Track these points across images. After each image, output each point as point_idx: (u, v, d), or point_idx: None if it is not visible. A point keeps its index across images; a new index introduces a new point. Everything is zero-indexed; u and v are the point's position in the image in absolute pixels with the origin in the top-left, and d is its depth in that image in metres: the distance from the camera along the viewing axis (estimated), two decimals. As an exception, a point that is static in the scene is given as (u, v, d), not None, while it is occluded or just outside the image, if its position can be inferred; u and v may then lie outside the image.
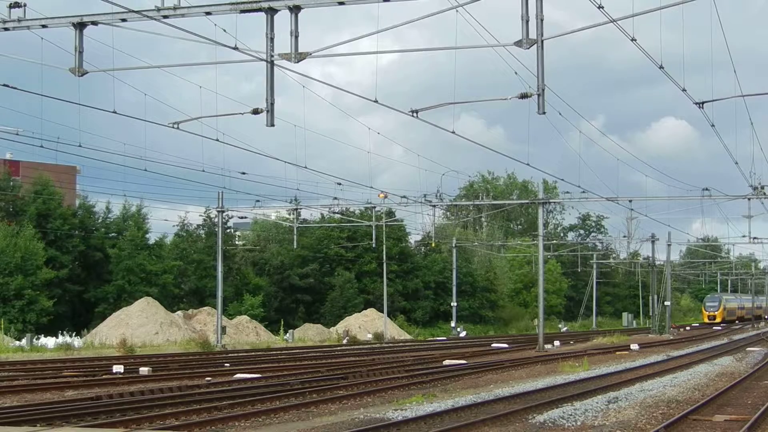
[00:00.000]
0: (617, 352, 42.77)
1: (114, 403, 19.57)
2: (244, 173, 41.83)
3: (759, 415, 17.59)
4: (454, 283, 68.88)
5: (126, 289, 56.33)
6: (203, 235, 67.81)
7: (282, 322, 60.53)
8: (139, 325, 49.76)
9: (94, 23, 18.09)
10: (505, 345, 48.64)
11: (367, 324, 62.90)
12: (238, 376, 27.45)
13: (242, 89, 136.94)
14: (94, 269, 58.41)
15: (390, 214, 66.76)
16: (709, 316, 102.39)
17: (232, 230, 72.65)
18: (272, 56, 17.05)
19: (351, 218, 65.82)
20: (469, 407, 19.08)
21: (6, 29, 18.39)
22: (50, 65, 19.55)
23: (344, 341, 54.38)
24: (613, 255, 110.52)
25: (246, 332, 55.59)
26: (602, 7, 17.18)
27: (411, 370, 29.81)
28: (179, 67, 64.56)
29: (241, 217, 64.83)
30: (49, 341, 44.32)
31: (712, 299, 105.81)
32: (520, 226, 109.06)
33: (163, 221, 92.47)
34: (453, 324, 68.78)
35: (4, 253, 50.00)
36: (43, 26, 18.46)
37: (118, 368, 28.55)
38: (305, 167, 32.85)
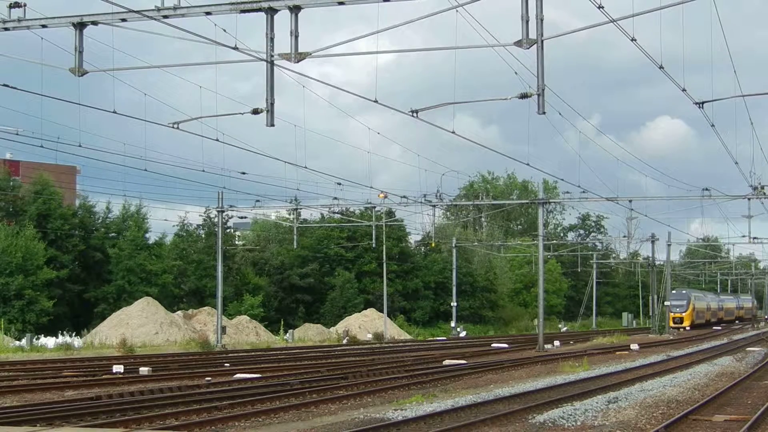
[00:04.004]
0: (617, 352, 42.77)
1: (114, 403, 19.57)
2: (244, 173, 41.87)
3: (759, 415, 17.59)
4: (454, 283, 68.86)
5: (126, 289, 56.33)
6: (203, 235, 67.81)
7: (282, 322, 60.53)
8: (139, 325, 49.76)
9: (94, 23, 18.09)
10: (505, 345, 48.62)
11: (367, 324, 62.88)
12: (238, 376, 27.45)
13: (239, 89, 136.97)
14: (94, 269, 58.40)
15: (390, 214, 66.75)
16: (674, 319, 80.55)
17: (232, 230, 72.67)
18: (272, 56, 17.05)
19: (351, 218, 65.81)
20: (469, 407, 19.08)
21: (6, 29, 18.39)
22: (50, 65, 19.56)
23: (344, 341, 54.37)
24: (613, 255, 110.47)
25: (246, 332, 55.57)
26: (602, 7, 17.18)
27: (411, 370, 29.80)
28: (177, 67, 64.52)
29: (241, 217, 64.93)
30: (49, 341, 44.32)
31: (680, 296, 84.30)
32: (520, 226, 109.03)
33: (163, 221, 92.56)
34: (453, 324, 68.77)
35: (4, 253, 50.01)
36: (43, 26, 18.46)
37: (118, 368, 28.55)
38: (305, 167, 32.88)
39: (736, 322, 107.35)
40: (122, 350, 39.05)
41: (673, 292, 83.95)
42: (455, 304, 68.88)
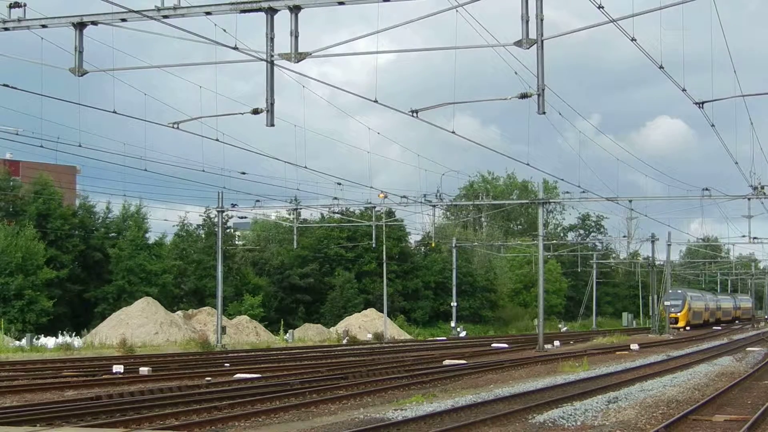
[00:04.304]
0: (617, 352, 42.77)
1: (114, 403, 19.57)
2: (244, 173, 41.90)
3: (759, 415, 17.59)
4: (454, 283, 68.86)
5: (126, 289, 56.34)
6: (203, 235, 67.82)
7: (282, 322, 60.53)
8: (139, 325, 49.76)
9: (94, 23, 18.09)
10: (505, 345, 48.62)
11: (367, 324, 62.89)
12: (238, 376, 27.45)
13: (238, 89, 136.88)
14: (94, 269, 58.42)
15: (390, 214, 66.75)
16: (669, 319, 77.91)
17: (232, 230, 72.65)
18: (272, 56, 17.05)
19: (351, 218, 65.81)
20: (469, 407, 19.08)
21: (6, 29, 18.39)
22: (50, 65, 19.55)
23: (344, 341, 54.37)
24: (613, 255, 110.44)
25: (246, 332, 55.59)
26: (602, 7, 17.19)
27: (411, 370, 29.80)
28: (177, 67, 64.55)
29: (241, 217, 64.93)
30: (49, 341, 44.32)
31: (675, 296, 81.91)
32: (520, 226, 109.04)
33: (163, 221, 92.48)
34: (453, 324, 68.77)
35: (4, 253, 50.01)
36: (43, 26, 18.46)
37: (118, 368, 28.55)
38: (305, 167, 32.88)
39: (736, 322, 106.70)
40: (122, 350, 39.04)
41: (669, 292, 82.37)
42: (455, 304, 68.88)
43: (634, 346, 46.69)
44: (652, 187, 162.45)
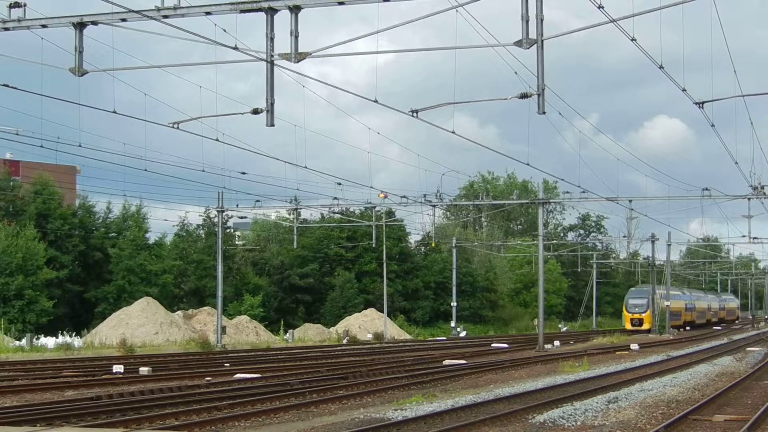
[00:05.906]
0: (617, 352, 42.79)
1: (114, 403, 19.58)
2: (244, 173, 41.95)
3: (759, 415, 17.60)
4: (454, 283, 68.85)
5: (126, 289, 56.32)
6: (203, 235, 67.83)
7: (282, 322, 60.53)
8: (139, 325, 49.76)
9: (94, 23, 18.09)
10: (505, 345, 48.63)
11: (367, 324, 62.89)
12: (238, 376, 27.45)
13: (237, 89, 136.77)
14: (94, 269, 58.41)
15: (390, 214, 66.76)
16: (632, 320, 73.59)
17: (232, 230, 72.67)
18: (272, 56, 17.05)
19: (351, 218, 65.81)
20: (469, 407, 19.08)
21: (6, 29, 18.39)
22: (50, 65, 19.55)
23: (344, 341, 54.37)
24: (613, 255, 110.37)
25: (246, 332, 55.58)
26: (602, 7, 17.19)
27: (411, 370, 29.80)
28: (175, 67, 64.54)
29: (241, 217, 64.93)
30: (49, 341, 44.31)
31: (639, 294, 74.25)
32: (520, 226, 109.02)
33: (163, 221, 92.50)
34: (453, 324, 68.77)
35: (4, 253, 50.01)
36: (43, 26, 18.46)
37: (118, 368, 28.55)
38: (305, 167, 32.89)
39: (736, 321, 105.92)
40: (122, 350, 39.04)
41: (632, 289, 77.92)
42: (455, 304, 68.85)
43: (634, 346, 46.71)
44: (652, 187, 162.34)
